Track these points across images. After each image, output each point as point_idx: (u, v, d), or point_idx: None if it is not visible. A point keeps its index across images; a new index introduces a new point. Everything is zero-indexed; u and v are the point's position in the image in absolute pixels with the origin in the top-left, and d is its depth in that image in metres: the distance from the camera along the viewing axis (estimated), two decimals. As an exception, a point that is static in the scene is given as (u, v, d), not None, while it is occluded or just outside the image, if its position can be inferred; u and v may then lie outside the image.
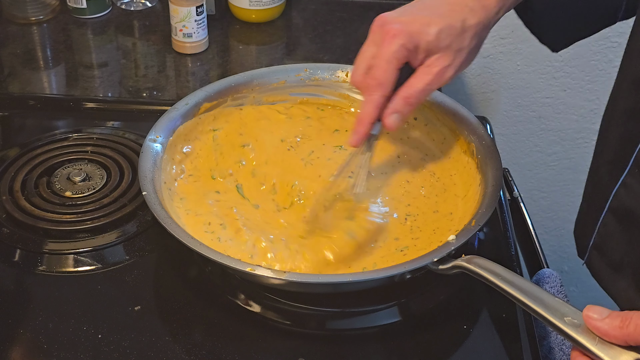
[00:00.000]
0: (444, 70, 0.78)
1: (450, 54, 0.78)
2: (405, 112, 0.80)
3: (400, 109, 0.79)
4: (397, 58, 0.77)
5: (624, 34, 1.39)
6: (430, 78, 0.78)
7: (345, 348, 0.79)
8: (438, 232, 0.85)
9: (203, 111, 0.96)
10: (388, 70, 0.77)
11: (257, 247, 0.82)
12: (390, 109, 0.79)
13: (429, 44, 0.77)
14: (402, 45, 0.76)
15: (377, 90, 0.79)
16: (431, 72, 0.78)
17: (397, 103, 0.79)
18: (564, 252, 1.72)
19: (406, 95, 0.79)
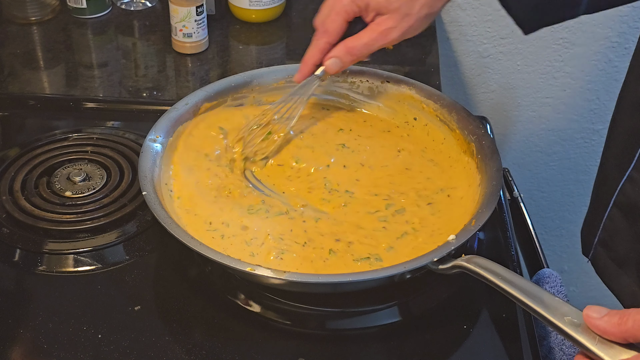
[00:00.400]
0: (389, 30, 0.85)
1: (397, 17, 0.84)
2: (345, 60, 0.88)
3: (340, 55, 0.88)
4: (346, 11, 0.86)
5: (624, 34, 1.39)
6: (375, 35, 0.85)
7: (345, 348, 0.79)
8: (437, 232, 0.85)
9: (203, 111, 0.97)
10: (335, 21, 0.87)
11: (260, 243, 0.82)
12: (332, 54, 0.88)
13: (379, 4, 0.84)
14: (352, 1, 0.85)
15: (322, 37, 0.89)
16: (377, 29, 0.85)
17: (339, 50, 0.88)
18: (564, 252, 1.72)
19: (349, 45, 0.87)
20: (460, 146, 0.94)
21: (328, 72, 0.90)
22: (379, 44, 0.86)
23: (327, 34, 0.88)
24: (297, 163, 0.93)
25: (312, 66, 0.90)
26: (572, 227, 1.68)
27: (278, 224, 0.85)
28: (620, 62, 1.43)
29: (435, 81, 1.16)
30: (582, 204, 1.63)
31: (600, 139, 1.53)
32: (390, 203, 0.88)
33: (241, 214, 0.86)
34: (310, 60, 0.90)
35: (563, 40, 1.42)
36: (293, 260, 0.80)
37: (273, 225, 0.84)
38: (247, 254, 0.81)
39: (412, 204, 0.88)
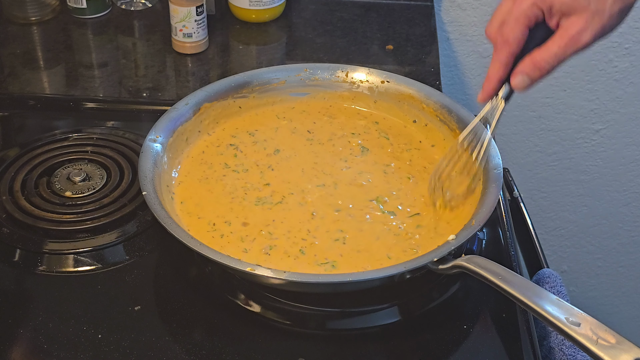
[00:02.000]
0: (579, 33, 0.74)
1: (587, 16, 0.73)
2: (534, 76, 0.78)
3: (528, 71, 0.77)
4: (527, 16, 0.75)
5: (624, 34, 1.39)
6: (564, 42, 0.75)
7: (345, 348, 0.79)
8: (437, 232, 0.85)
9: (203, 111, 0.97)
10: (515, 29, 0.76)
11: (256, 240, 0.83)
12: (518, 70, 0.78)
13: (564, 4, 0.74)
14: (534, 4, 0.75)
15: (503, 48, 0.78)
16: (565, 35, 0.75)
17: (526, 65, 0.77)
18: (564, 252, 1.72)
19: (537, 59, 0.77)
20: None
21: (516, 89, 0.79)
22: (570, 51, 0.75)
23: (508, 45, 0.77)
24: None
25: (497, 83, 0.80)
26: (572, 227, 1.68)
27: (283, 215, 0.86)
28: (620, 62, 1.43)
29: (435, 81, 1.16)
30: (582, 204, 1.63)
31: (601, 139, 1.53)
32: (390, 203, 0.88)
33: (247, 207, 0.87)
34: (495, 76, 0.80)
35: (563, 40, 1.42)
36: (278, 253, 0.81)
37: (276, 217, 0.85)
38: (241, 250, 0.81)
39: (411, 204, 0.88)
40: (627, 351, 0.63)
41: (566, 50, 0.75)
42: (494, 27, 0.79)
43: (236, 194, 0.89)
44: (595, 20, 0.73)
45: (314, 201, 0.88)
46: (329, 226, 0.85)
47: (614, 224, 1.66)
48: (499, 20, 0.78)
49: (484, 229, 0.90)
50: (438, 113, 0.97)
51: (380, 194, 0.89)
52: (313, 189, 0.90)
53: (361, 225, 0.85)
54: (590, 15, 0.73)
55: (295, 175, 0.92)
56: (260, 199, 0.88)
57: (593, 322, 0.66)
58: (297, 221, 0.85)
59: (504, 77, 0.80)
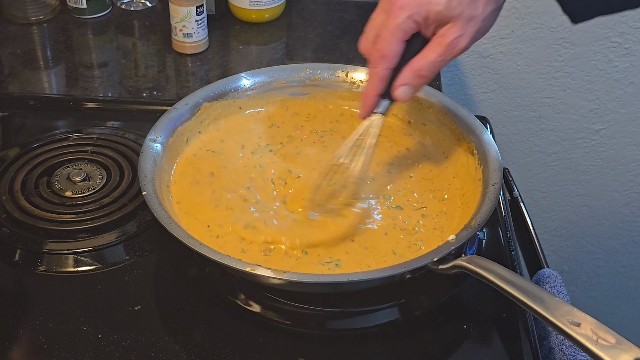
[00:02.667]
0: (456, 40, 0.75)
1: (462, 23, 0.74)
2: (416, 85, 0.78)
3: (410, 81, 0.78)
4: (403, 30, 0.75)
5: (624, 34, 1.39)
6: (442, 49, 0.75)
7: (345, 348, 0.79)
8: (437, 232, 0.85)
9: (203, 111, 0.97)
10: (392, 43, 0.76)
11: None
12: (399, 81, 0.78)
13: (439, 14, 0.74)
14: (409, 17, 0.75)
15: (380, 63, 0.77)
16: (443, 43, 0.75)
17: (407, 75, 0.77)
18: (564, 252, 1.72)
19: (417, 68, 0.77)
20: (460, 146, 0.94)
21: (399, 100, 0.79)
22: (449, 58, 0.76)
23: (384, 59, 0.77)
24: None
25: (375, 97, 0.80)
26: (572, 227, 1.68)
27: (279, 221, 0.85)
28: (620, 62, 1.43)
29: (435, 81, 1.16)
30: (582, 204, 1.63)
31: (601, 139, 1.53)
32: (389, 202, 0.88)
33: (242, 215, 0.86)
34: (373, 91, 0.80)
35: (563, 40, 1.42)
36: (279, 255, 0.81)
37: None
38: (239, 250, 0.81)
39: (410, 204, 0.88)
40: (627, 351, 0.63)
41: (445, 57, 0.76)
42: (368, 41, 0.79)
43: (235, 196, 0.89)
44: (470, 25, 0.75)
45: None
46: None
47: (614, 224, 1.66)
48: (372, 34, 0.78)
49: (484, 229, 0.90)
50: (438, 113, 0.97)
51: (385, 192, 0.90)
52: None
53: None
54: (465, 21, 0.74)
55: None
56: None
57: (593, 322, 0.66)
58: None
59: (382, 91, 0.79)
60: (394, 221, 0.86)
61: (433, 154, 0.96)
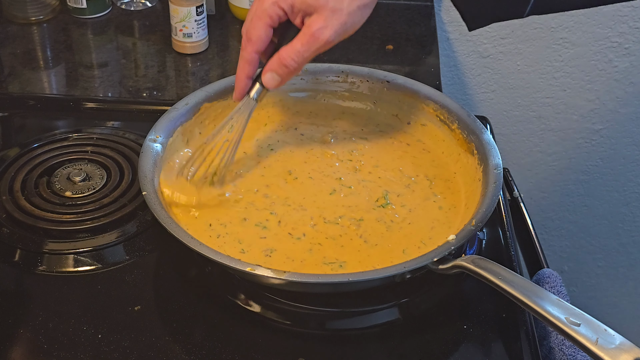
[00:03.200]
0: (320, 30, 0.77)
1: (326, 14, 0.76)
2: (281, 73, 0.80)
3: (276, 68, 0.80)
4: (269, 15, 0.78)
5: (624, 34, 1.39)
6: (306, 39, 0.77)
7: (345, 348, 0.79)
8: (437, 232, 0.85)
9: (203, 111, 0.96)
10: (257, 27, 0.79)
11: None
12: (267, 68, 0.81)
13: (303, 3, 0.76)
14: (274, 3, 0.77)
15: (247, 46, 0.81)
16: (307, 32, 0.77)
17: (273, 62, 0.80)
18: (564, 252, 1.72)
19: (283, 56, 0.79)
20: (461, 146, 0.94)
21: (268, 87, 0.82)
22: (314, 48, 0.78)
23: (250, 43, 0.80)
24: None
25: (246, 80, 0.83)
26: (572, 227, 1.68)
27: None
28: (620, 62, 1.43)
29: (435, 81, 1.16)
30: (582, 204, 1.63)
31: (601, 139, 1.54)
32: (389, 202, 0.88)
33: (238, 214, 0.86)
34: (242, 74, 0.83)
35: (563, 40, 1.42)
36: (279, 257, 0.81)
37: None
38: (238, 250, 0.81)
39: (410, 204, 0.88)
40: (627, 351, 0.63)
41: (309, 47, 0.77)
42: (245, 25, 0.81)
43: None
44: (335, 17, 0.76)
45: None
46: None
47: (614, 224, 1.66)
48: (248, 18, 0.81)
49: (484, 229, 0.90)
50: (438, 113, 0.97)
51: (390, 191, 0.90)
52: (318, 191, 0.90)
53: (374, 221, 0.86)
54: (330, 12, 0.76)
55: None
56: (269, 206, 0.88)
57: (593, 322, 0.66)
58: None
59: (251, 74, 0.82)
60: (394, 221, 0.86)
61: (433, 154, 0.96)
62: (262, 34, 0.80)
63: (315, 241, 0.83)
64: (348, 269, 0.80)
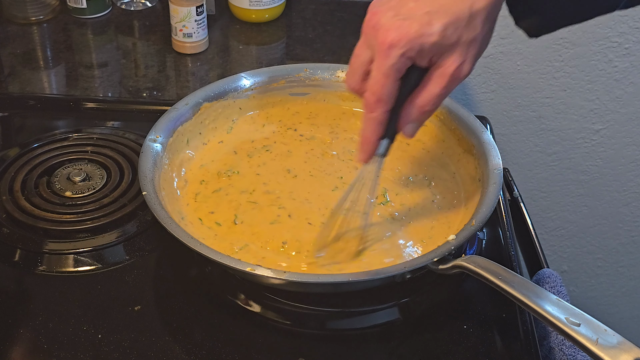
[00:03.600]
0: (459, 69, 0.70)
1: (462, 49, 0.69)
2: (422, 120, 0.74)
3: (416, 118, 0.73)
4: (397, 70, 0.69)
5: (624, 34, 1.39)
6: (445, 81, 0.70)
7: (345, 348, 0.79)
8: (437, 232, 0.85)
9: (203, 111, 0.97)
10: (387, 85, 0.70)
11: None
12: (405, 120, 0.73)
13: (434, 45, 0.68)
14: (402, 55, 0.68)
15: (377, 107, 0.72)
16: (445, 74, 0.70)
17: (413, 112, 0.73)
18: (564, 252, 1.72)
19: (421, 104, 0.72)
20: (461, 146, 0.94)
21: (408, 137, 0.75)
22: (453, 87, 0.71)
23: (381, 103, 0.71)
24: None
25: (376, 142, 0.74)
26: (572, 227, 1.68)
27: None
28: (620, 62, 1.43)
29: (435, 81, 1.16)
30: (582, 204, 1.63)
31: (601, 139, 1.53)
32: (389, 200, 0.88)
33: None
34: (374, 137, 0.74)
35: (563, 40, 1.42)
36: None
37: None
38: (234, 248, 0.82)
39: (411, 204, 0.88)
40: (627, 351, 0.63)
41: (449, 88, 0.71)
42: (356, 79, 0.73)
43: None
44: (471, 48, 0.69)
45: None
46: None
47: (614, 224, 1.66)
48: (360, 71, 0.72)
49: (484, 229, 0.90)
50: (438, 113, 0.97)
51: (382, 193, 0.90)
52: (323, 191, 0.90)
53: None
54: (465, 46, 0.69)
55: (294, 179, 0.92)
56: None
57: (593, 322, 0.66)
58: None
59: (382, 135, 0.74)
60: (394, 222, 0.86)
61: (432, 154, 0.96)
62: (393, 91, 0.71)
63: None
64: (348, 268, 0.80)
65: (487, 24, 0.69)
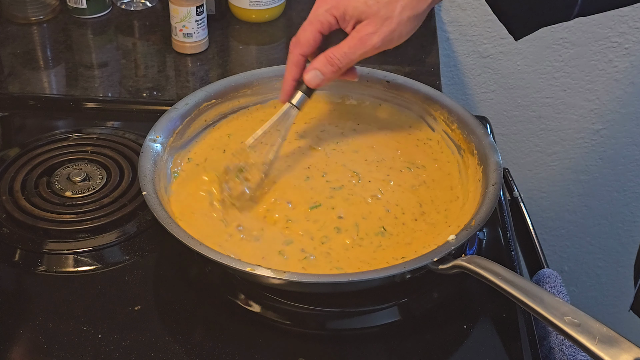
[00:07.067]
0: (369, 36, 0.80)
1: (377, 21, 0.79)
2: (325, 71, 0.83)
3: (320, 67, 0.83)
4: (320, 21, 0.82)
5: (624, 34, 1.39)
6: (354, 42, 0.81)
7: (345, 348, 0.79)
8: (437, 232, 0.85)
9: (203, 111, 0.96)
10: (308, 31, 0.83)
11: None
12: (311, 66, 0.84)
13: (356, 10, 0.80)
14: (327, 10, 0.81)
15: (294, 49, 0.84)
16: (356, 37, 0.81)
17: (318, 61, 0.83)
18: (564, 252, 1.72)
19: (329, 55, 0.82)
20: (461, 146, 0.94)
21: (310, 85, 0.85)
22: (360, 51, 0.81)
23: (299, 46, 0.84)
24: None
25: (292, 82, 0.86)
26: (572, 227, 1.68)
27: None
28: (620, 62, 1.43)
29: (435, 81, 1.16)
30: (582, 204, 1.63)
31: (601, 139, 1.54)
32: (388, 203, 0.88)
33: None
34: (289, 75, 0.86)
35: (563, 40, 1.42)
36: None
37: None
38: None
39: (411, 204, 0.88)
40: (627, 351, 0.63)
41: (356, 50, 0.81)
42: (296, 35, 0.85)
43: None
44: (385, 25, 0.80)
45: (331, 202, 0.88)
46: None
47: (614, 224, 1.66)
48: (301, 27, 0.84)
49: (484, 229, 0.90)
50: (438, 113, 0.97)
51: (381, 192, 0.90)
52: (326, 191, 0.90)
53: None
54: (380, 20, 0.79)
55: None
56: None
57: (593, 322, 0.66)
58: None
59: (297, 76, 0.85)
60: (394, 221, 0.86)
61: (433, 154, 0.96)
62: (310, 38, 0.83)
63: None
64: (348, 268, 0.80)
65: (405, 12, 0.80)
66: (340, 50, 0.82)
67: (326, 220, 0.85)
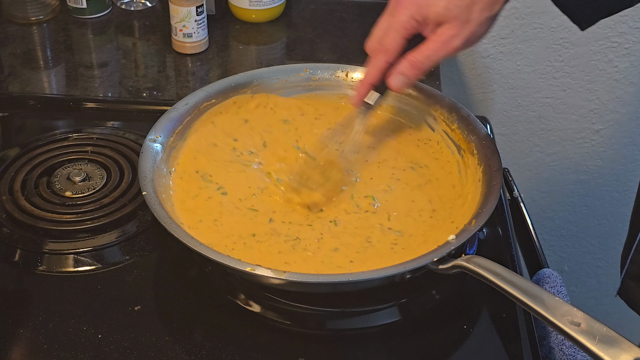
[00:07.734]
0: (450, 39, 0.81)
1: (458, 24, 0.81)
2: (409, 75, 0.84)
3: (404, 70, 0.83)
4: (405, 27, 0.82)
5: (624, 34, 1.39)
6: (437, 45, 0.82)
7: (345, 348, 0.79)
8: (437, 232, 0.85)
9: (203, 111, 0.96)
10: (394, 38, 0.83)
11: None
12: (395, 70, 0.84)
13: (438, 15, 0.81)
14: (411, 16, 0.82)
15: (380, 55, 0.84)
16: (438, 40, 0.82)
17: (402, 65, 0.83)
18: (564, 252, 1.72)
19: (412, 59, 0.83)
20: (461, 146, 0.94)
21: (393, 89, 0.86)
22: (442, 54, 0.83)
23: (385, 53, 0.84)
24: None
25: (369, 86, 0.87)
26: (572, 227, 1.68)
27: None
28: (620, 62, 1.43)
29: (435, 81, 1.16)
30: (582, 204, 1.63)
31: (601, 139, 1.53)
32: (388, 203, 0.88)
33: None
34: (369, 80, 0.86)
35: (563, 40, 1.42)
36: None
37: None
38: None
39: (411, 204, 0.88)
40: (627, 351, 0.63)
41: (438, 52, 0.82)
42: (374, 42, 0.85)
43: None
44: (465, 28, 0.81)
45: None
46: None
47: (614, 224, 1.66)
48: (379, 35, 0.85)
49: (484, 229, 0.90)
50: (438, 113, 0.97)
51: (381, 192, 0.90)
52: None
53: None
54: (461, 23, 0.81)
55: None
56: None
57: (593, 322, 0.66)
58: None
59: (377, 82, 0.86)
60: (392, 221, 0.86)
61: (433, 153, 0.96)
62: (397, 45, 0.83)
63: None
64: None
65: (484, 13, 0.81)
66: (423, 53, 0.82)
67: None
